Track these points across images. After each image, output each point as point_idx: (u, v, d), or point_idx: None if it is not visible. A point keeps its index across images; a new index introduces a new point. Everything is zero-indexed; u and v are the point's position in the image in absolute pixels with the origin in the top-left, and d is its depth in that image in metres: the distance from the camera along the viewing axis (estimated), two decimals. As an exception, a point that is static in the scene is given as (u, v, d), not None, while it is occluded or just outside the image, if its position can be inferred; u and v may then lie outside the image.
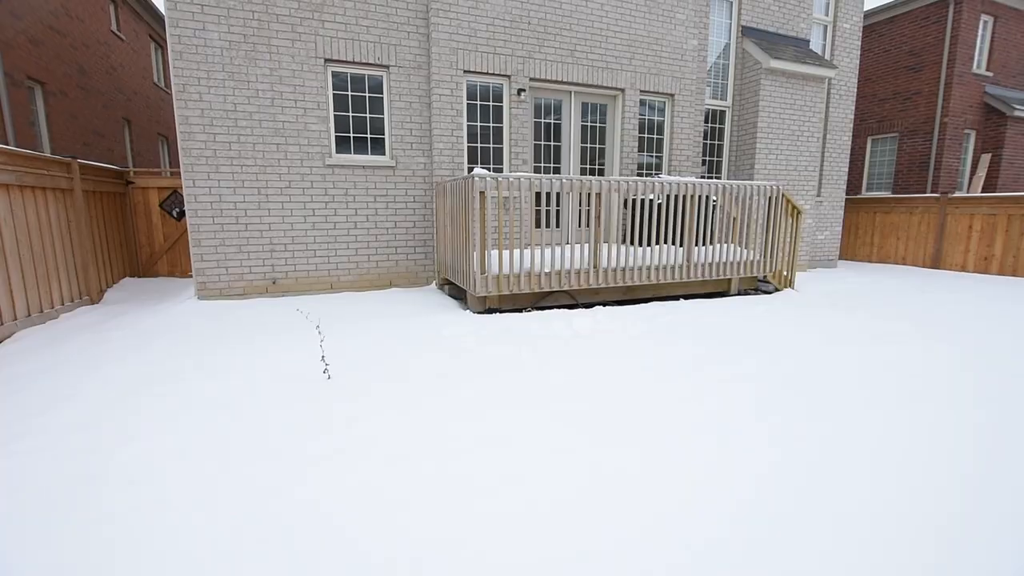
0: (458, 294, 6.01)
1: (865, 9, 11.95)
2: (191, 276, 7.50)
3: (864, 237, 11.10)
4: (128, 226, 7.55)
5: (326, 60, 5.91)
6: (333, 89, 6.05)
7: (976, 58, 11.58)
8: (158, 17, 13.16)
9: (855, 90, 9.59)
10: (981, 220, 9.06)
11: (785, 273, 6.85)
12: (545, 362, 3.72)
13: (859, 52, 9.58)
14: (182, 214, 7.69)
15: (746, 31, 8.30)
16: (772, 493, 2.09)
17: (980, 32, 11.53)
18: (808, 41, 8.85)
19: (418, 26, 6.21)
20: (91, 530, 1.87)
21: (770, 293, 6.71)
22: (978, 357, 3.89)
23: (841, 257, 11.29)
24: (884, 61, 12.44)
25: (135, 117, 12.03)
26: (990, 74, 11.76)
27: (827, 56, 9.33)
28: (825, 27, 9.31)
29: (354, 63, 6.04)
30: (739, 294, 6.59)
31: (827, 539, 1.82)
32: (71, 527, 1.88)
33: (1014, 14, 11.87)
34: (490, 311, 5.20)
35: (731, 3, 8.33)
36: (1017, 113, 11.55)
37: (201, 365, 3.63)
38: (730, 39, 8.43)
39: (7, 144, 7.22)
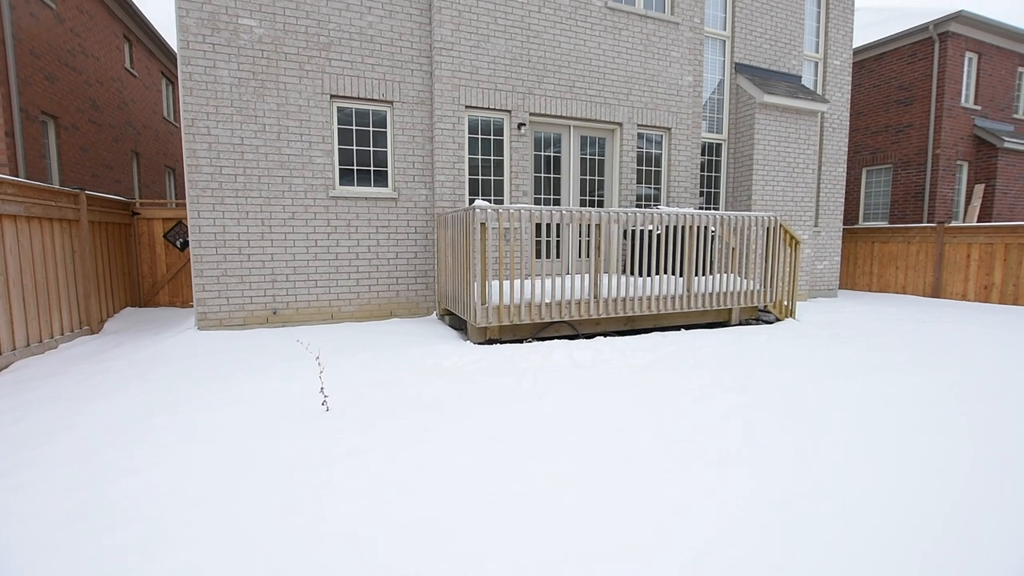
0: (459, 325, 6.00)
1: (854, 46, 12.38)
2: (192, 306, 7.52)
3: (863, 266, 11.15)
4: (132, 256, 7.61)
5: (332, 96, 6.09)
6: (338, 123, 6.20)
7: (964, 92, 11.90)
8: (170, 55, 13.61)
9: (848, 123, 9.82)
10: (979, 249, 9.13)
11: (785, 303, 6.86)
12: (545, 393, 3.68)
13: (850, 87, 9.85)
14: (185, 244, 7.76)
15: (739, 68, 8.57)
16: (770, 532, 2.04)
17: (966, 68, 11.89)
18: (800, 77, 9.12)
19: (422, 64, 6.42)
20: (74, 573, 1.81)
21: (771, 323, 6.69)
22: (983, 388, 3.85)
23: (841, 286, 11.32)
24: (875, 95, 12.78)
25: (144, 150, 12.29)
26: (979, 107, 12.06)
27: (819, 91, 9.60)
28: (816, 63, 9.60)
29: (359, 99, 6.22)
30: (740, 324, 6.58)
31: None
32: (53, 569, 1.83)
33: (997, 51, 12.27)
34: (491, 342, 5.18)
35: (724, 42, 8.63)
36: (1007, 145, 11.79)
37: (198, 396, 3.60)
38: (724, 75, 8.69)
39: (17, 175, 7.36)
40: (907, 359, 4.76)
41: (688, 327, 6.22)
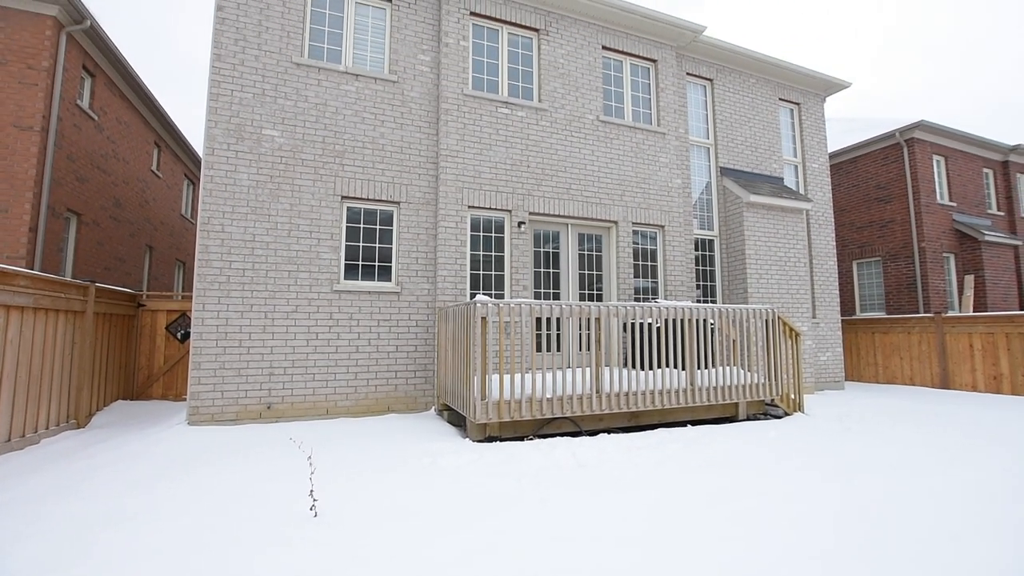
0: (457, 421, 5.82)
1: (829, 151, 13.37)
2: (185, 400, 7.35)
3: (867, 357, 11.05)
4: (131, 348, 7.59)
5: (343, 197, 6.47)
6: (347, 221, 6.52)
7: (938, 191, 12.65)
8: (195, 158, 14.68)
9: (832, 219, 10.31)
10: (981, 339, 9.11)
11: (793, 396, 6.70)
12: (547, 498, 3.47)
13: (830, 187, 10.49)
14: (186, 336, 7.78)
15: (724, 171, 9.19)
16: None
17: (935, 169, 12.76)
18: (782, 179, 9.75)
19: (428, 169, 6.90)
20: None
21: (780, 417, 6.49)
22: (1015, 486, 3.63)
23: (847, 378, 11.13)
24: (855, 193, 13.56)
25: (157, 244, 12.78)
26: (954, 204, 12.74)
27: (801, 191, 10.20)
28: (796, 166, 10.32)
29: (368, 199, 6.60)
30: (748, 419, 6.37)
31: None
32: None
33: (961, 155, 13.25)
34: (490, 439, 4.99)
35: (708, 148, 9.35)
36: (988, 238, 12.28)
37: (176, 498, 3.38)
38: (711, 178, 9.30)
39: (33, 267, 7.58)
40: (926, 454, 4.55)
41: (694, 422, 6.02)
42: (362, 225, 6.61)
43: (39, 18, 7.82)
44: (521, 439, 5.06)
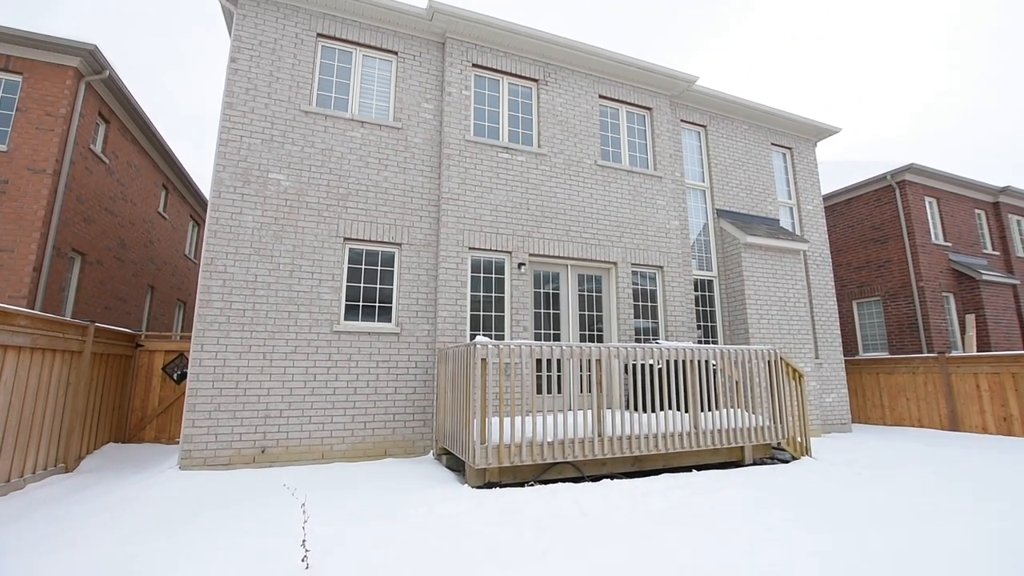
0: (456, 466, 5.66)
1: (823, 193, 13.65)
2: (177, 442, 7.19)
3: (873, 399, 10.88)
4: (126, 389, 7.49)
5: (346, 238, 6.56)
6: (348, 263, 6.58)
7: (932, 231, 12.82)
8: (201, 200, 14.98)
9: (830, 260, 10.41)
10: (987, 379, 9.00)
11: (799, 439, 6.55)
12: (549, 549, 3.33)
13: (825, 228, 10.64)
14: (183, 377, 7.69)
15: (721, 213, 9.35)
16: None
17: (928, 210, 12.98)
18: (778, 220, 9.91)
19: (430, 211, 7.03)
20: None
21: (787, 462, 6.31)
22: (1033, 544, 3.49)
23: (853, 420, 10.91)
24: (851, 234, 13.74)
25: (159, 284, 12.84)
26: (949, 244, 12.88)
27: (797, 232, 10.34)
28: (791, 208, 10.51)
29: (371, 241, 6.69)
30: (755, 463, 6.20)
31: None
32: None
33: (952, 196, 13.52)
34: (490, 485, 4.84)
35: (704, 191, 9.55)
36: (986, 277, 12.35)
37: (164, 551, 3.25)
38: (708, 220, 9.46)
39: (34, 306, 7.58)
40: (946, 501, 4.39)
41: (700, 467, 5.85)
42: (363, 266, 6.66)
43: (61, 69, 8.19)
44: (522, 485, 4.90)
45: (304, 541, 3.10)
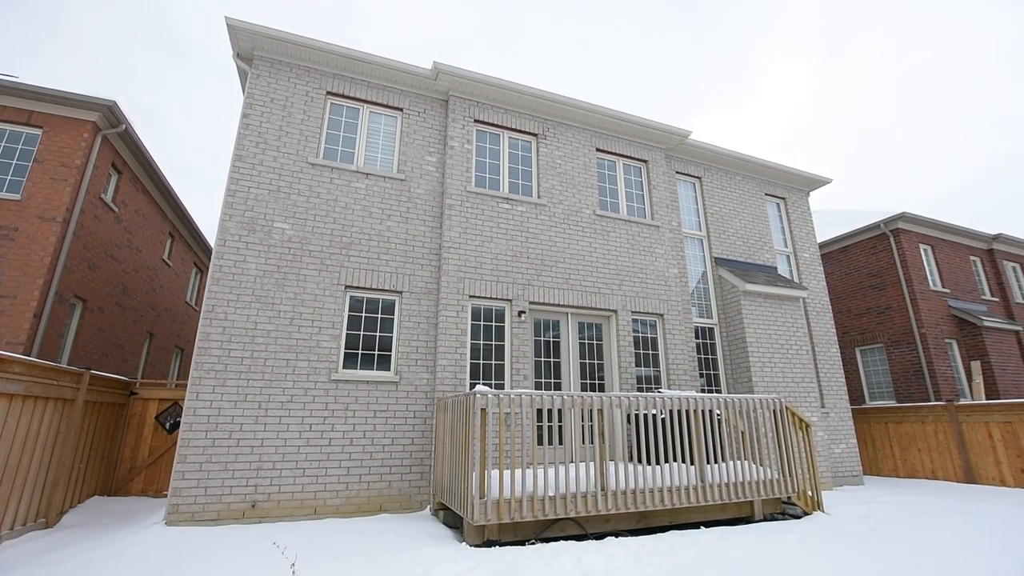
0: (454, 522, 5.43)
1: (819, 240, 13.85)
2: (165, 495, 6.94)
3: (883, 449, 10.57)
4: (117, 439, 7.31)
5: (347, 286, 6.60)
6: (349, 310, 6.59)
7: (929, 278, 12.90)
8: (206, 248, 15.17)
9: (829, 306, 10.41)
10: (1000, 428, 8.78)
11: (810, 493, 6.32)
12: (553, 618, 3.13)
13: (823, 275, 10.72)
14: (175, 426, 7.52)
15: (719, 261, 9.46)
16: None
17: (924, 257, 13.12)
18: (775, 267, 10.00)
19: (431, 260, 7.11)
20: None
21: (799, 517, 6.06)
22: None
23: (865, 472, 10.55)
24: (850, 281, 13.82)
25: (159, 331, 12.79)
26: (948, 290, 12.92)
27: (796, 279, 10.42)
28: (788, 256, 10.63)
29: (372, 289, 6.73)
30: (765, 519, 5.94)
31: None
32: None
33: (947, 243, 13.70)
34: (489, 543, 4.62)
35: (702, 240, 9.71)
36: (988, 324, 12.30)
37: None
38: (706, 268, 9.55)
39: (31, 352, 7.52)
40: (971, 561, 4.16)
41: (707, 524, 5.61)
42: (364, 314, 6.67)
43: (80, 123, 8.53)
44: (522, 543, 4.68)
45: (292, 607, 2.93)
